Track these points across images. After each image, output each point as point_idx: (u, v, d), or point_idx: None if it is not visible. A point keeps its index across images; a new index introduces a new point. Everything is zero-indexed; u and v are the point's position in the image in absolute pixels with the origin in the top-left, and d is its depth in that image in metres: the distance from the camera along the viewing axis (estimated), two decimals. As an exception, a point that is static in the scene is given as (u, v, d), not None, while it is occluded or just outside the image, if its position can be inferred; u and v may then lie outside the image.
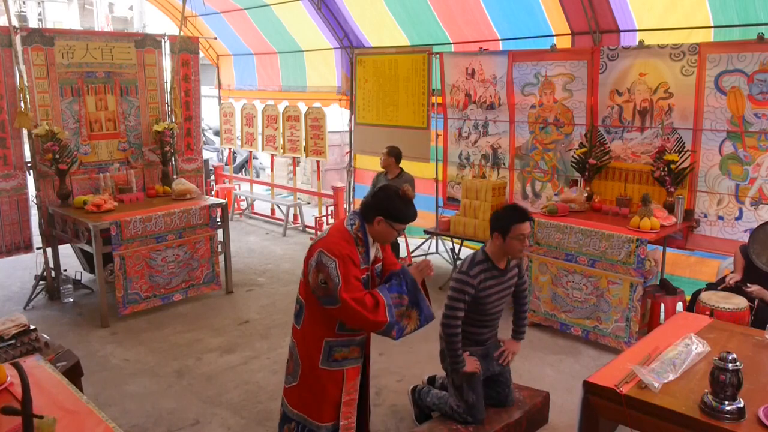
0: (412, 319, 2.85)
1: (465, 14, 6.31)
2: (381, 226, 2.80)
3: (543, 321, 5.11)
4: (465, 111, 6.46)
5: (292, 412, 2.97)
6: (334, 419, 2.90)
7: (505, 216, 3.21)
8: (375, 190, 2.99)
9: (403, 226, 2.85)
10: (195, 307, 5.70)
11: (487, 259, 3.26)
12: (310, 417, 2.91)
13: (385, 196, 2.83)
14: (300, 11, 7.72)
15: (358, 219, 2.85)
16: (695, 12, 4.88)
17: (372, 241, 2.87)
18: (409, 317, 2.84)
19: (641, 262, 4.45)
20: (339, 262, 2.68)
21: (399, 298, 2.80)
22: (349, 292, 2.66)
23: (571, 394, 3.95)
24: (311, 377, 2.88)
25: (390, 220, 2.79)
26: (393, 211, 2.79)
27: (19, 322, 3.25)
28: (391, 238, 2.88)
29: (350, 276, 2.69)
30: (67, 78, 5.81)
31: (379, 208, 2.80)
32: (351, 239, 2.79)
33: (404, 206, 2.82)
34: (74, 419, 2.15)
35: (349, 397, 2.92)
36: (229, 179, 10.01)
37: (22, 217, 5.70)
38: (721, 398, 2.37)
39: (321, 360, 2.85)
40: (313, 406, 2.90)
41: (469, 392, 3.27)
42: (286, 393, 3.02)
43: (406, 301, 2.82)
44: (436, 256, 7.28)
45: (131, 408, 3.93)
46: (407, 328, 2.83)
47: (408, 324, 2.84)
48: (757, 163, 4.61)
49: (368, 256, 2.86)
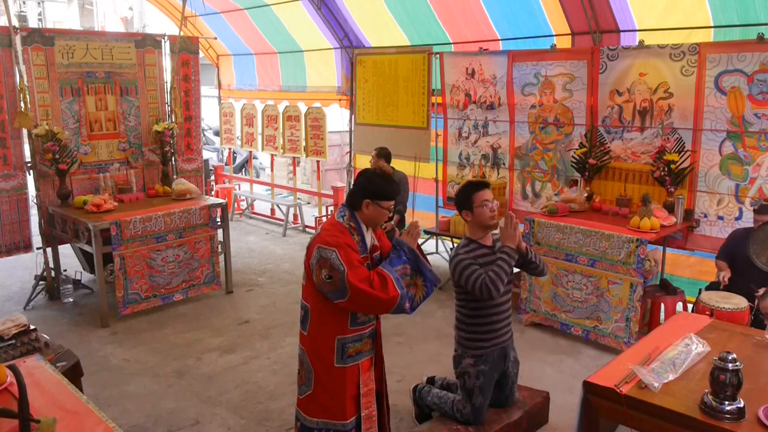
0: (419, 286, 2.90)
1: (465, 14, 6.31)
2: (370, 209, 2.84)
3: (543, 321, 5.11)
4: (465, 111, 6.46)
5: (312, 421, 2.94)
6: (356, 413, 2.92)
7: (463, 192, 3.28)
8: (356, 176, 3.03)
9: (391, 204, 2.89)
10: (195, 307, 5.70)
11: (471, 241, 3.29)
12: (334, 419, 2.90)
13: (365, 179, 2.89)
14: (300, 11, 7.72)
15: (347, 210, 2.88)
16: (695, 12, 4.88)
17: (366, 228, 2.90)
18: (416, 285, 2.89)
19: (641, 262, 4.45)
20: (339, 250, 2.69)
21: (402, 269, 2.83)
22: (356, 275, 2.68)
23: (571, 394, 3.94)
24: (327, 379, 2.88)
25: (377, 200, 2.83)
26: (377, 190, 2.83)
27: (19, 322, 3.25)
28: (383, 218, 2.91)
29: (353, 260, 2.71)
30: (67, 78, 5.81)
31: (363, 191, 2.85)
32: (345, 230, 2.82)
33: (386, 183, 2.88)
34: (74, 419, 2.15)
35: (367, 387, 2.95)
36: (229, 179, 10.01)
37: (22, 217, 5.70)
38: (721, 398, 2.37)
39: (336, 359, 2.85)
40: (336, 407, 2.90)
41: (479, 396, 3.26)
42: (301, 404, 2.99)
43: (409, 269, 2.86)
44: (436, 256, 7.28)
45: (131, 408, 3.93)
46: (416, 296, 2.88)
47: (416, 292, 2.89)
48: (757, 163, 4.61)
49: (365, 245, 2.88)
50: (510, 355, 3.41)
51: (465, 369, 3.31)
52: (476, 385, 3.26)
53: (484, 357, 3.29)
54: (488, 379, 3.29)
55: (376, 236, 3.02)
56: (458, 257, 3.21)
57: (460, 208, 3.29)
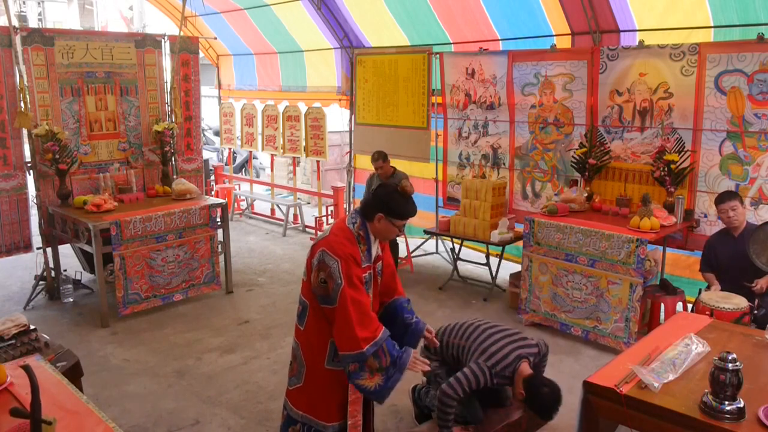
0: (374, 380, 2.74)
1: (465, 14, 6.31)
2: (382, 224, 2.82)
3: (543, 321, 5.11)
4: (465, 111, 6.46)
5: (297, 413, 2.96)
6: (340, 419, 2.90)
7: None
8: (375, 188, 3.00)
9: (404, 222, 2.86)
10: (195, 307, 5.70)
11: None
12: (317, 417, 2.90)
13: (385, 193, 2.86)
14: (300, 11, 7.72)
15: (359, 217, 2.87)
16: (695, 12, 4.88)
17: (374, 238, 2.89)
18: (373, 377, 2.74)
19: (641, 262, 4.45)
20: (342, 262, 2.69)
21: (384, 357, 2.72)
22: (353, 291, 2.68)
23: (571, 394, 3.93)
24: (317, 378, 2.88)
25: (391, 217, 2.81)
26: (393, 208, 2.81)
27: (19, 322, 3.24)
28: (392, 234, 2.90)
29: (353, 276, 2.70)
30: (67, 78, 5.81)
31: (380, 205, 2.82)
32: (353, 238, 2.81)
33: (404, 202, 2.85)
34: (74, 419, 2.15)
35: (355, 395, 2.91)
36: (229, 179, 10.01)
37: (22, 217, 5.70)
38: (721, 398, 2.37)
39: (327, 360, 2.85)
40: (320, 407, 2.90)
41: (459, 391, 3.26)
42: (289, 395, 3.01)
43: (385, 363, 2.73)
44: (436, 256, 7.29)
45: (131, 408, 3.93)
46: (364, 380, 2.73)
47: (367, 379, 2.73)
48: (757, 163, 4.61)
49: (370, 254, 2.87)
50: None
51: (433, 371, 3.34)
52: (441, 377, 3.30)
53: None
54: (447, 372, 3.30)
55: (381, 250, 3.01)
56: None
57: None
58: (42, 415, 1.79)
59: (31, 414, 1.75)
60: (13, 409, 1.78)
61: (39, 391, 1.77)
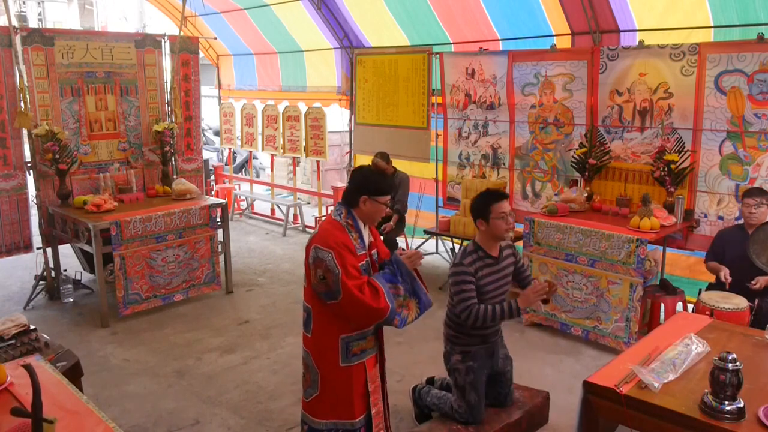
0: (411, 309, 2.89)
1: (465, 14, 6.31)
2: (367, 206, 2.86)
3: (543, 321, 5.11)
4: (465, 111, 6.46)
5: (321, 423, 2.93)
6: (364, 410, 2.93)
7: (482, 200, 3.25)
8: (351, 175, 3.05)
9: (387, 198, 2.90)
10: (195, 307, 5.70)
11: (478, 249, 3.27)
12: (343, 418, 2.90)
13: (361, 176, 2.92)
14: (300, 11, 7.72)
15: (343, 207, 2.90)
16: (695, 12, 4.88)
17: (363, 225, 2.91)
18: (408, 307, 2.88)
19: (641, 262, 4.45)
20: (335, 252, 2.71)
21: (394, 289, 2.83)
22: (351, 279, 2.69)
23: (571, 394, 3.94)
24: (334, 379, 2.88)
25: (374, 196, 2.85)
26: (373, 186, 2.86)
27: (19, 322, 3.25)
28: (380, 214, 2.93)
29: (348, 265, 2.71)
30: (67, 78, 5.81)
31: (361, 188, 2.87)
32: (342, 228, 2.83)
33: (381, 178, 2.93)
34: (74, 419, 2.15)
35: (375, 384, 2.96)
36: (229, 179, 10.01)
37: (22, 217, 5.70)
38: (721, 398, 2.37)
39: (341, 358, 2.85)
40: (343, 407, 2.90)
41: (471, 392, 3.27)
42: (307, 407, 2.98)
43: (402, 291, 2.86)
44: (436, 256, 7.28)
45: (131, 408, 3.93)
46: (408, 317, 2.87)
47: (408, 314, 2.88)
48: (757, 163, 4.61)
49: (363, 241, 2.89)
50: (499, 353, 3.43)
51: (454, 365, 3.34)
52: (467, 381, 3.28)
53: (472, 353, 3.31)
54: (478, 375, 3.30)
55: (373, 237, 3.02)
56: (460, 267, 3.21)
57: (476, 217, 3.26)
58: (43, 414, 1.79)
59: (32, 413, 1.75)
60: (14, 409, 1.78)
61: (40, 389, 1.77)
